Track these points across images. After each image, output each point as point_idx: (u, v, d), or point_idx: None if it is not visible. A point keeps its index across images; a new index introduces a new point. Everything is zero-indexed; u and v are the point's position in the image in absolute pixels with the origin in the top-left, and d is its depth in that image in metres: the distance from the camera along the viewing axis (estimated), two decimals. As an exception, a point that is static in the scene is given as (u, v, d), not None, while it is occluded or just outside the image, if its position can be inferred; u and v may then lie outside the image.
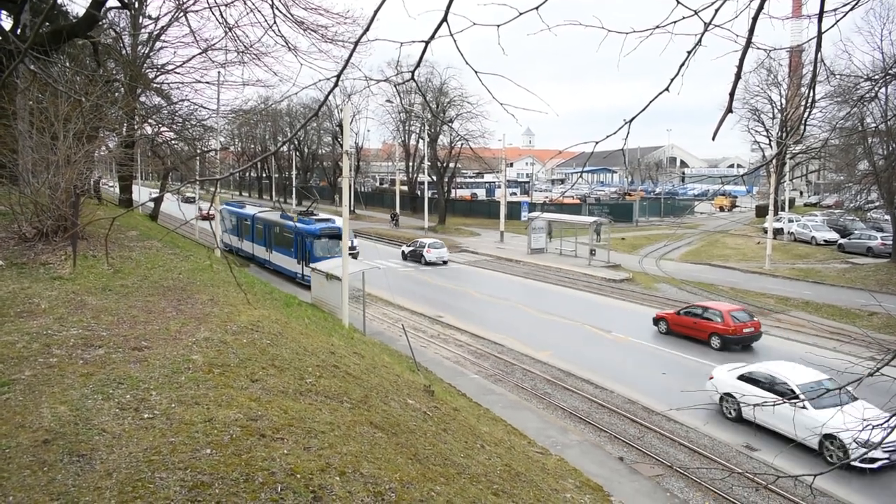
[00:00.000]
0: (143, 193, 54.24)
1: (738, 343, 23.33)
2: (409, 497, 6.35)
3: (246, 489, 5.46)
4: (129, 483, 5.34)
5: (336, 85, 3.50)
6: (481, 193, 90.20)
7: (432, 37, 3.10)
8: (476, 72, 3.40)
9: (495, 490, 8.34)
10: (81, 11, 24.28)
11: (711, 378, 17.63)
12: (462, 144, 62.78)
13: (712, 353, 22.83)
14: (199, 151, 35.29)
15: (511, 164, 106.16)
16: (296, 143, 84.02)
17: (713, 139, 3.49)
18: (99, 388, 7.26)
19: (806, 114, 4.55)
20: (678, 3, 3.22)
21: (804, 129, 47.41)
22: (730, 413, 16.74)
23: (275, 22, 15.29)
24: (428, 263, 41.67)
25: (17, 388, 7.13)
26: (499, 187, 68.53)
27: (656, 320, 25.90)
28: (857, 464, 12.21)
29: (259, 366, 8.83)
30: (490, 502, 7.70)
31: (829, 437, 13.89)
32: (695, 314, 24.51)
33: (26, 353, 8.20)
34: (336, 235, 32.89)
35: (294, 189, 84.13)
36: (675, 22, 3.29)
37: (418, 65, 3.42)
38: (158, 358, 8.47)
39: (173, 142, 34.10)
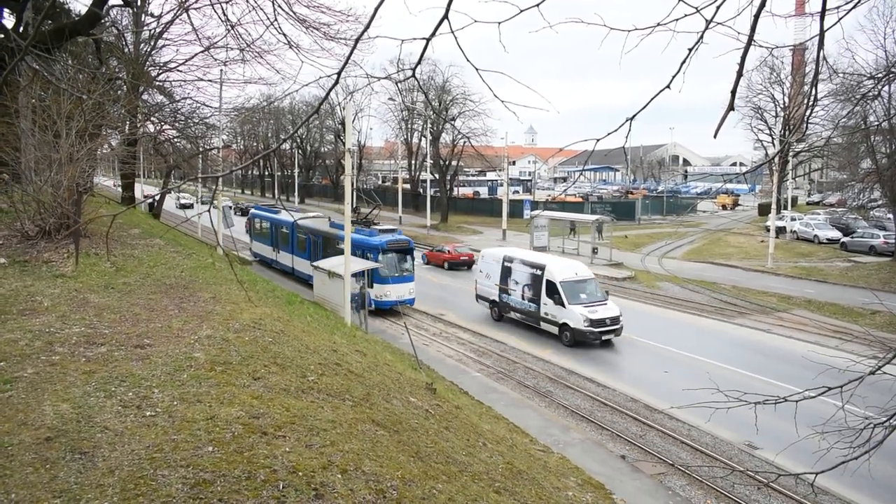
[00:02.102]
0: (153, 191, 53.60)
1: (458, 266, 39.58)
2: (410, 495, 6.35)
3: (248, 487, 5.46)
4: (132, 480, 5.35)
5: (337, 82, 3.50)
6: (484, 191, 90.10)
7: (433, 34, 3.10)
8: (477, 69, 3.40)
9: (497, 488, 8.34)
10: (84, 9, 24.29)
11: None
12: (464, 142, 62.74)
13: (444, 272, 38.92)
14: (201, 149, 35.31)
15: (513, 163, 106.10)
16: (298, 141, 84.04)
17: (715, 137, 3.49)
18: (101, 386, 7.27)
19: (808, 112, 4.55)
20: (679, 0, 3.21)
21: (807, 128, 47.33)
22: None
23: (276, 19, 15.27)
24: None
25: (20, 385, 7.14)
26: (501, 185, 68.46)
27: (423, 256, 40.33)
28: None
29: (261, 364, 8.83)
30: (492, 500, 7.70)
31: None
32: (438, 250, 41.53)
33: (29, 351, 8.22)
34: (406, 250, 28.60)
35: (296, 187, 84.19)
36: (676, 19, 3.29)
37: (419, 62, 3.43)
38: (160, 356, 8.47)
39: (176, 140, 34.11)
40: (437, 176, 64.91)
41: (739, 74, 3.35)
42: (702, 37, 3.26)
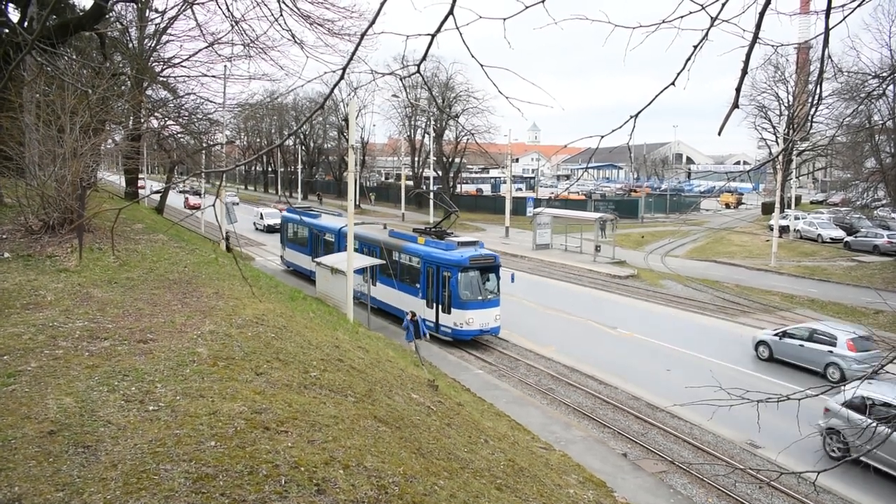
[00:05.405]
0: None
1: None
2: (412, 491, 6.36)
3: (250, 482, 5.47)
4: (134, 474, 5.36)
5: (342, 78, 3.50)
6: (486, 189, 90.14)
7: (438, 30, 3.09)
8: (482, 65, 3.39)
9: (499, 485, 8.35)
10: (88, 4, 24.34)
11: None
12: (468, 139, 62.74)
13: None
14: (204, 145, 35.32)
15: (517, 160, 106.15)
16: (301, 137, 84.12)
17: (719, 134, 3.49)
18: (104, 380, 7.29)
19: (813, 110, 4.55)
20: (685, -3, 3.21)
21: (811, 126, 47.25)
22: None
23: (281, 15, 15.27)
24: None
25: (23, 379, 7.17)
26: (504, 183, 68.42)
27: None
28: None
29: (264, 359, 8.85)
30: (493, 497, 7.71)
31: None
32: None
33: (32, 345, 8.24)
34: (492, 268, 23.60)
35: (300, 183, 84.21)
36: (681, 17, 3.28)
37: (424, 58, 3.43)
38: (164, 350, 8.49)
39: (179, 135, 34.11)
40: (440, 173, 64.95)
41: (744, 72, 3.35)
42: (707, 34, 3.25)
